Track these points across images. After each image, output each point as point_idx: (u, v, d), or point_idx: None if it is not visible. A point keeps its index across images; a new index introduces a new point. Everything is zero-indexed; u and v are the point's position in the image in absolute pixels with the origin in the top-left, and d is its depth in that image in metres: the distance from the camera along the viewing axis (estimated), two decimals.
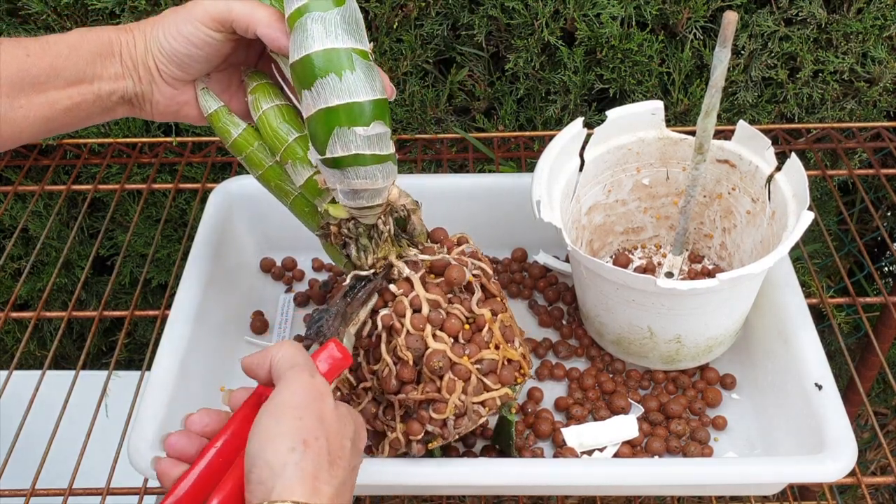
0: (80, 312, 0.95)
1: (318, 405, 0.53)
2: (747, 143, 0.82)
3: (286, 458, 0.50)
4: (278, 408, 0.52)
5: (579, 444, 0.77)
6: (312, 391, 0.54)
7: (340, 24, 0.60)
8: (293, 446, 0.50)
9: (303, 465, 0.50)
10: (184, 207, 1.21)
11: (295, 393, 0.53)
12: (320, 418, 0.53)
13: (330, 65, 0.60)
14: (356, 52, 0.61)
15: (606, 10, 1.01)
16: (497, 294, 0.72)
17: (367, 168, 0.63)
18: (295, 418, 0.52)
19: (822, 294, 0.91)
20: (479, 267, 0.72)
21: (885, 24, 1.03)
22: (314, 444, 0.51)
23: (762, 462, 0.68)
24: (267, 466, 0.50)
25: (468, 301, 0.70)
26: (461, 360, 0.67)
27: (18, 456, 0.82)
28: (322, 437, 0.52)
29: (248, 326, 0.90)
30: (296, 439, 0.51)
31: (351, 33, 0.60)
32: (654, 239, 0.93)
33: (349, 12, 0.60)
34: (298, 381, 0.54)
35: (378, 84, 0.62)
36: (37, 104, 0.63)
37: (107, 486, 0.78)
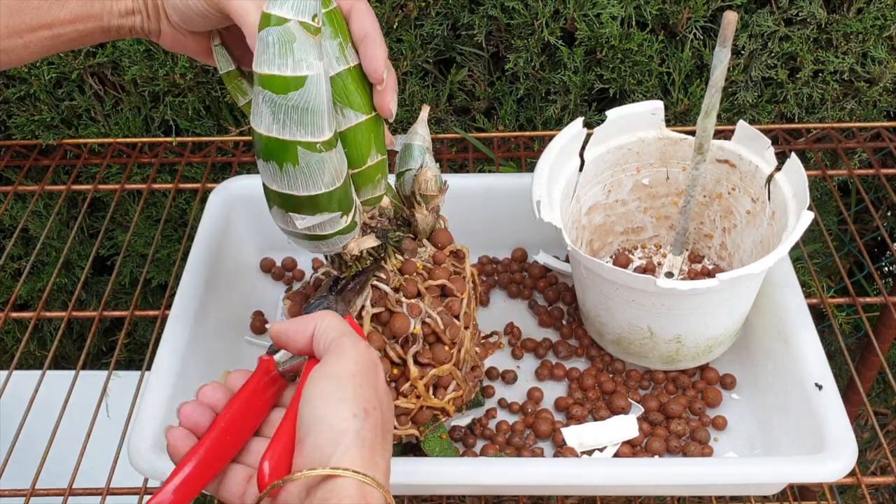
0: (80, 312, 0.95)
1: (374, 374, 0.52)
2: (747, 143, 0.82)
3: (348, 423, 0.48)
4: (341, 374, 0.50)
5: (579, 444, 0.77)
6: (370, 360, 0.52)
7: (291, 114, 0.55)
8: (356, 413, 0.49)
9: (363, 433, 0.48)
10: (184, 207, 1.21)
11: (356, 361, 0.51)
12: (376, 389, 0.51)
13: (272, 152, 0.57)
14: (303, 146, 0.56)
15: (606, 10, 1.01)
16: (447, 343, 0.71)
17: (307, 241, 0.63)
18: (356, 385, 0.50)
19: (822, 294, 0.91)
20: (431, 317, 0.69)
21: (885, 24, 1.03)
22: (373, 414, 0.50)
23: (762, 462, 0.68)
24: (329, 430, 0.48)
25: (408, 347, 0.69)
26: None
27: (18, 456, 0.82)
28: (379, 409, 0.50)
29: (248, 326, 0.90)
30: (357, 406, 0.49)
31: (303, 125, 0.55)
32: (654, 239, 0.93)
33: (305, 100, 0.55)
34: (356, 348, 0.52)
35: (326, 178, 0.58)
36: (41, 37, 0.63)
37: (107, 486, 0.78)
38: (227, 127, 1.13)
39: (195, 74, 1.07)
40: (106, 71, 1.10)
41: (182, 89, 1.10)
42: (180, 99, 1.10)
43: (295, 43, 0.53)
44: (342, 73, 0.60)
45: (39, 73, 1.07)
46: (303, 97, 0.54)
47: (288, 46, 0.53)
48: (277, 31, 0.53)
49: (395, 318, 0.68)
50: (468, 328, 0.73)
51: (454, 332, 0.71)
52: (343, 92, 0.61)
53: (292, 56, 0.53)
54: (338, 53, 0.60)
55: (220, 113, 1.13)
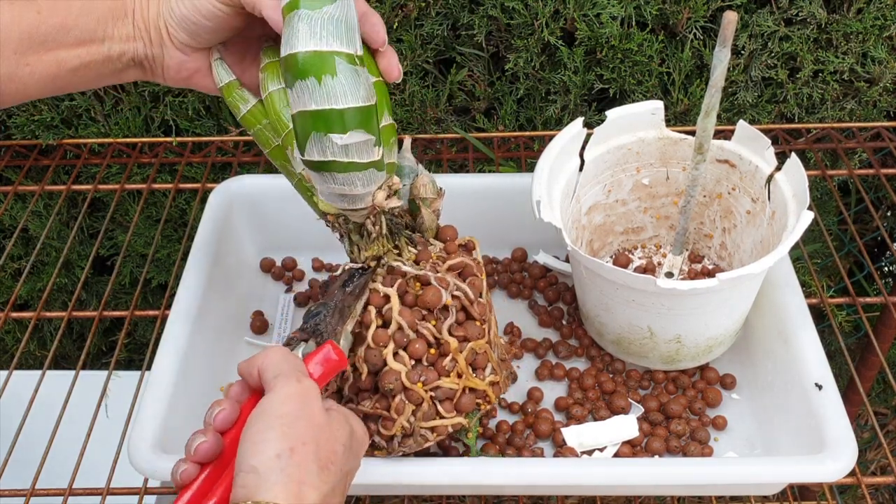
0: (80, 312, 0.95)
1: (307, 411, 0.54)
2: (747, 143, 0.82)
3: (271, 463, 0.50)
4: (265, 414, 0.53)
5: (579, 444, 0.77)
6: (300, 397, 0.54)
7: (327, 25, 0.58)
8: (279, 453, 0.51)
9: (288, 471, 0.50)
10: (184, 207, 1.21)
11: (282, 401, 0.54)
12: (309, 424, 0.53)
13: (311, 67, 0.58)
14: (341, 56, 0.58)
15: (606, 10, 1.01)
16: (478, 318, 0.70)
17: (344, 175, 0.62)
18: (282, 425, 0.52)
19: (822, 294, 0.91)
20: (461, 289, 0.69)
21: (885, 24, 1.03)
22: (301, 450, 0.52)
23: (762, 462, 0.68)
24: (253, 472, 0.50)
25: (441, 323, 0.68)
26: (414, 387, 0.66)
27: (18, 456, 0.82)
28: (311, 443, 0.52)
29: (248, 326, 0.90)
30: (282, 446, 0.51)
31: (338, 36, 0.58)
32: (654, 239, 0.93)
33: (340, 13, 0.58)
34: (285, 388, 0.54)
35: (363, 91, 0.59)
36: (45, 62, 0.63)
37: (107, 486, 0.78)
38: (227, 127, 1.13)
39: None
40: None
41: (182, 89, 1.10)
42: (180, 99, 1.10)
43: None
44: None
45: None
46: (338, 9, 0.58)
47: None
48: None
49: (428, 290, 0.68)
50: (491, 312, 0.73)
51: (482, 309, 0.70)
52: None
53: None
54: None
55: (220, 113, 1.13)
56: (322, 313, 0.65)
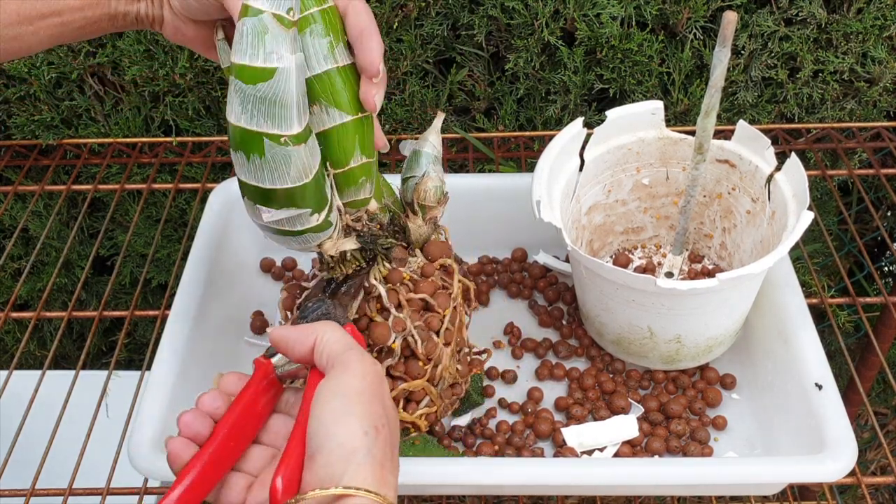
0: (80, 312, 0.95)
1: (381, 390, 0.52)
2: (747, 143, 0.82)
3: (360, 441, 0.48)
4: (349, 390, 0.50)
5: (579, 444, 0.77)
6: (377, 375, 0.52)
7: (259, 105, 0.55)
8: (366, 430, 0.48)
9: (374, 451, 0.48)
10: (184, 207, 1.21)
11: (364, 377, 0.51)
12: (384, 405, 0.51)
13: (241, 142, 0.57)
14: (269, 138, 0.56)
15: (606, 10, 1.01)
16: (423, 358, 0.70)
17: (278, 236, 0.62)
18: (366, 402, 0.50)
19: (823, 294, 0.91)
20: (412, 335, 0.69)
21: (885, 24, 1.03)
22: (383, 431, 0.49)
23: (762, 462, 0.68)
24: (339, 448, 0.48)
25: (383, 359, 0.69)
26: None
27: (18, 456, 0.82)
28: (387, 425, 0.50)
29: (248, 326, 0.90)
30: (368, 424, 0.49)
31: (270, 116, 0.55)
32: (654, 239, 0.93)
33: (274, 91, 0.55)
34: (363, 364, 0.52)
35: (293, 173, 0.58)
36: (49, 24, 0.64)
37: (107, 486, 0.78)
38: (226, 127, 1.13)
39: (195, 74, 1.07)
40: (106, 71, 1.10)
41: (182, 89, 1.10)
42: (180, 99, 1.10)
43: (267, 34, 0.54)
44: (330, 72, 0.60)
45: (39, 73, 1.07)
46: (271, 89, 0.55)
47: (260, 37, 0.54)
48: (252, 22, 0.54)
49: (376, 326, 0.68)
50: (450, 344, 0.72)
51: (430, 349, 0.70)
52: (329, 90, 0.61)
53: (263, 47, 0.54)
54: (326, 52, 0.60)
55: (220, 113, 1.13)
56: (324, 306, 0.65)
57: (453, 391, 0.76)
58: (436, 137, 0.72)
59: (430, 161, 0.71)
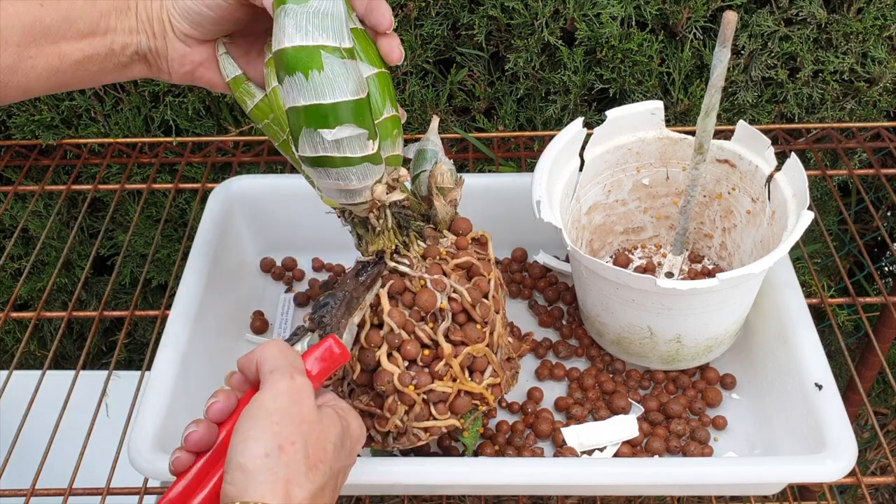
0: (80, 312, 0.95)
1: (297, 409, 0.54)
2: (747, 143, 0.82)
3: (259, 462, 0.51)
4: (257, 411, 0.53)
5: (579, 444, 0.77)
6: (291, 395, 0.54)
7: (313, 20, 0.57)
8: (268, 452, 0.51)
9: (276, 469, 0.51)
10: (184, 207, 1.21)
11: (273, 397, 0.54)
12: (299, 422, 0.53)
13: (297, 62, 0.57)
14: (327, 50, 0.57)
15: (606, 10, 1.01)
16: (479, 321, 0.70)
17: (338, 170, 0.62)
18: (272, 423, 0.52)
19: (822, 294, 0.91)
20: (458, 292, 0.69)
21: (885, 24, 1.03)
22: (290, 449, 0.52)
23: (762, 462, 0.68)
24: (240, 469, 0.51)
25: (437, 325, 0.68)
26: (406, 389, 0.66)
27: (18, 456, 0.82)
28: (299, 442, 0.52)
29: (248, 326, 0.90)
30: (271, 444, 0.51)
31: (324, 29, 0.57)
32: (654, 239, 0.93)
33: (326, 6, 0.57)
34: (277, 385, 0.54)
35: (352, 85, 0.59)
36: (47, 55, 0.62)
37: (107, 486, 0.78)
38: (227, 127, 1.13)
39: None
40: None
41: (182, 89, 1.10)
42: (180, 99, 1.10)
43: None
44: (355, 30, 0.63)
45: None
46: (323, 2, 0.57)
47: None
48: None
49: (421, 293, 0.67)
50: (499, 312, 0.72)
51: (484, 311, 0.69)
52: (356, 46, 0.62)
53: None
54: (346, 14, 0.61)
55: (220, 113, 1.13)
56: (329, 304, 0.65)
57: (510, 365, 0.75)
58: (435, 137, 0.74)
59: (436, 154, 0.73)
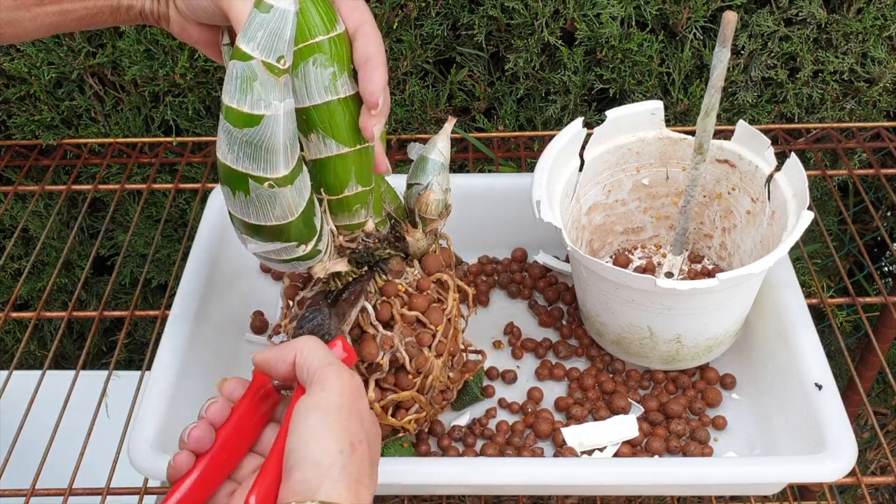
0: (80, 312, 0.95)
1: (359, 405, 0.53)
2: (747, 143, 0.82)
3: (335, 459, 0.49)
4: (326, 406, 0.51)
5: (579, 444, 0.77)
6: (355, 390, 0.53)
7: (245, 147, 0.55)
8: (342, 448, 0.50)
9: (349, 468, 0.49)
10: (184, 207, 1.21)
11: (342, 393, 0.52)
12: (361, 420, 0.52)
13: (226, 179, 0.57)
14: (255, 180, 0.56)
15: (606, 10, 1.01)
16: (412, 372, 0.70)
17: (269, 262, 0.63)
18: (343, 418, 0.51)
19: (822, 294, 0.91)
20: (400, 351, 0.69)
21: (885, 24, 1.03)
22: (359, 447, 0.51)
23: (762, 462, 0.68)
24: (315, 465, 0.49)
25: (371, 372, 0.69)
26: None
27: (18, 456, 0.82)
28: (365, 441, 0.52)
29: (248, 326, 0.90)
30: (344, 441, 0.50)
31: (255, 159, 0.55)
32: (654, 239, 0.93)
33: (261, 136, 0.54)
34: (341, 379, 0.53)
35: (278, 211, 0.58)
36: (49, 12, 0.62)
37: (107, 486, 0.78)
38: None
39: (195, 74, 1.07)
40: (106, 71, 1.10)
41: (182, 89, 1.10)
42: (180, 99, 1.10)
43: (256, 81, 0.53)
44: (330, 103, 0.60)
45: (39, 73, 1.07)
46: (257, 134, 0.54)
47: (249, 83, 0.53)
48: (241, 66, 0.53)
49: (365, 343, 0.68)
50: (442, 356, 0.72)
51: (420, 363, 0.70)
52: (328, 122, 0.60)
53: (252, 94, 0.53)
54: (328, 83, 0.59)
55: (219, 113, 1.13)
56: (319, 316, 0.65)
57: (444, 396, 0.76)
58: (444, 143, 0.71)
59: (437, 169, 0.71)
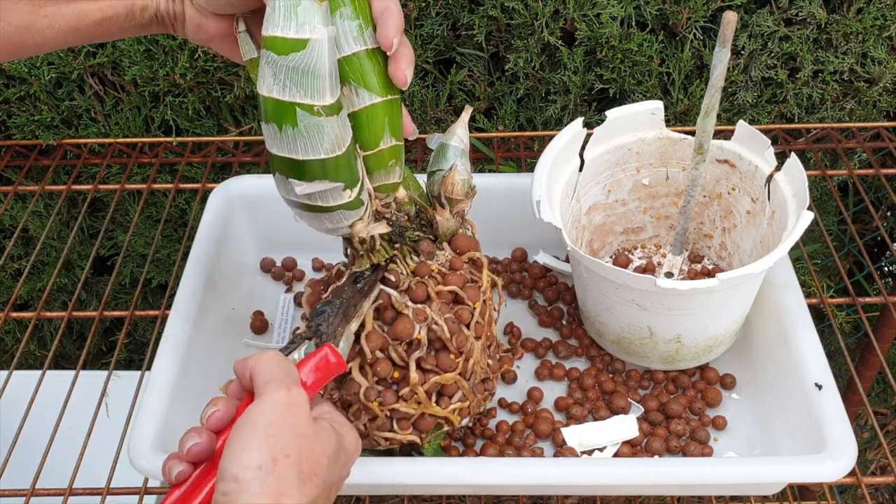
0: (80, 312, 0.95)
1: (293, 421, 0.53)
2: (747, 143, 0.82)
3: (252, 474, 0.50)
4: (251, 422, 0.53)
5: (579, 444, 0.77)
6: (287, 407, 0.54)
7: (291, 74, 0.55)
8: (261, 464, 0.51)
9: (268, 482, 0.50)
10: (184, 207, 1.21)
11: (270, 409, 0.53)
12: (294, 434, 0.53)
13: (272, 114, 0.57)
14: (302, 108, 0.56)
15: (606, 10, 1.01)
16: (453, 351, 0.69)
17: (311, 213, 0.62)
18: (267, 435, 0.52)
19: (822, 294, 0.91)
20: (439, 324, 0.68)
21: (885, 24, 1.03)
22: (283, 462, 0.51)
23: (762, 462, 0.68)
24: (233, 481, 0.50)
25: (411, 352, 0.68)
26: (370, 404, 0.68)
27: (18, 456, 0.81)
28: (294, 455, 0.52)
29: (248, 326, 0.90)
30: (265, 456, 0.51)
31: (302, 86, 0.56)
32: (654, 239, 0.93)
33: (306, 62, 0.55)
34: (273, 397, 0.54)
35: (326, 144, 0.58)
36: (64, 15, 0.61)
37: (107, 486, 0.78)
38: (227, 127, 1.13)
39: (195, 74, 1.07)
40: (106, 71, 1.10)
41: (182, 89, 1.10)
42: (180, 99, 1.10)
43: (299, 7, 0.55)
44: (359, 54, 0.61)
45: (39, 73, 1.07)
46: (303, 59, 0.55)
47: (292, 9, 0.55)
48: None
49: (399, 321, 0.67)
50: (480, 338, 0.71)
51: (461, 342, 0.69)
52: (359, 72, 0.61)
53: (296, 18, 0.55)
54: (356, 34, 0.60)
55: (220, 113, 1.13)
56: (326, 312, 0.65)
57: (485, 386, 0.75)
58: (463, 131, 0.72)
59: (458, 154, 0.71)
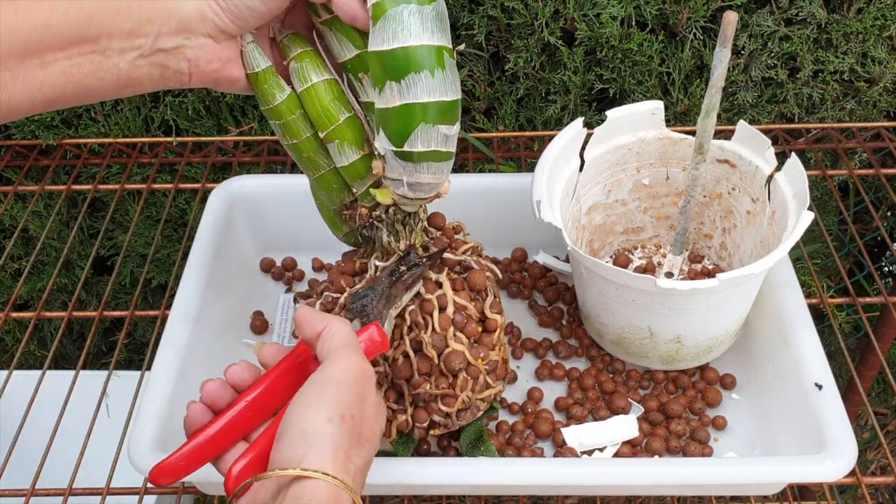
0: (80, 312, 0.95)
1: (363, 386, 0.54)
2: (747, 143, 0.82)
3: (322, 428, 0.50)
4: (327, 381, 0.53)
5: (579, 444, 0.77)
6: (362, 373, 0.55)
7: (436, 21, 0.59)
8: (331, 418, 0.51)
9: (336, 438, 0.51)
10: (184, 207, 1.21)
11: (346, 371, 0.54)
12: (362, 399, 0.54)
13: (425, 62, 0.59)
14: (446, 51, 0.60)
15: (606, 10, 1.01)
16: (498, 295, 0.74)
17: (439, 164, 0.63)
18: (339, 392, 0.52)
19: (822, 294, 0.91)
20: (490, 269, 0.74)
21: (885, 24, 1.03)
22: (349, 421, 0.52)
23: (762, 462, 0.68)
24: (301, 434, 0.50)
25: (481, 304, 0.71)
26: (476, 363, 0.70)
27: (18, 456, 0.82)
28: (359, 416, 0.53)
29: (248, 326, 0.90)
30: (334, 412, 0.51)
31: (444, 31, 0.60)
32: (654, 239, 0.93)
33: (442, 8, 0.60)
34: (350, 360, 0.54)
35: (458, 83, 0.61)
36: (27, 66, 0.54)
37: (107, 486, 0.78)
38: (227, 127, 1.13)
39: None
40: None
41: (182, 89, 1.10)
42: (180, 99, 1.10)
43: None
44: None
45: None
46: (440, 6, 0.59)
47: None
48: None
49: (473, 273, 0.72)
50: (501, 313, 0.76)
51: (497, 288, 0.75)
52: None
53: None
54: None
55: (220, 113, 1.13)
56: (370, 296, 0.66)
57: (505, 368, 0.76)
58: None
59: None
